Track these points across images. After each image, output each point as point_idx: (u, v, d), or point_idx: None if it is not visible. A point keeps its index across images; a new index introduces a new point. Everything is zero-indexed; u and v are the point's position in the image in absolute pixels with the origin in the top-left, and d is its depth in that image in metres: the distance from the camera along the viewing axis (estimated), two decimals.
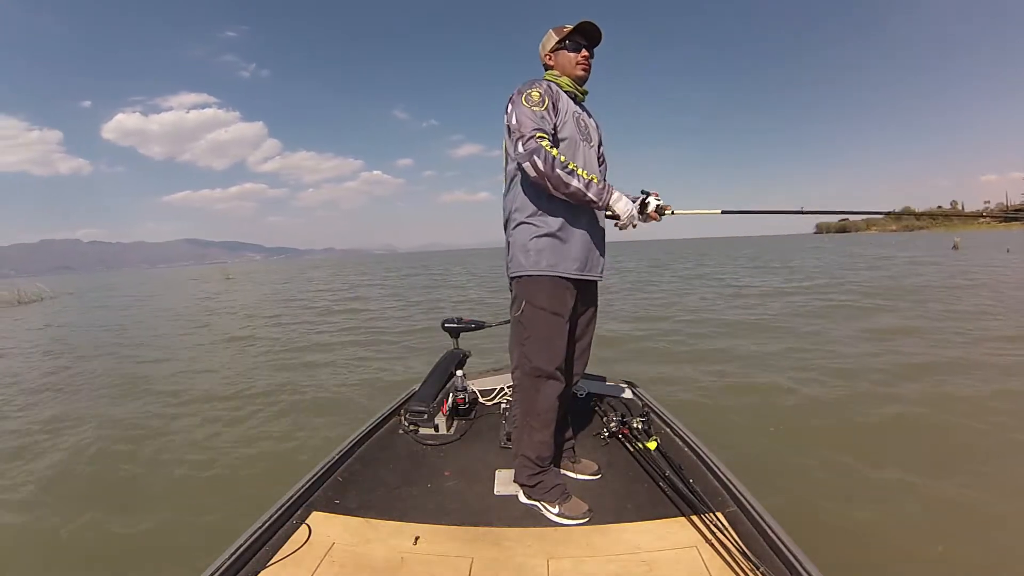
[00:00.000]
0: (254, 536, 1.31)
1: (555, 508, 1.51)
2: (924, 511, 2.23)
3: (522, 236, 1.55)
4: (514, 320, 1.60)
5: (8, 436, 3.77)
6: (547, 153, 1.41)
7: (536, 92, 1.50)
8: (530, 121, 1.45)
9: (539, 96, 1.50)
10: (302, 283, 22.80)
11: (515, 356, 1.62)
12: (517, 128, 1.47)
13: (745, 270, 17.12)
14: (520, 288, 1.57)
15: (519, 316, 1.57)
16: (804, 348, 5.28)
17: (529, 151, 1.42)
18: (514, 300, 1.60)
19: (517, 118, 1.47)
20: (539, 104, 1.48)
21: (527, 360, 1.56)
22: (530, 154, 1.41)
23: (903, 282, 11.02)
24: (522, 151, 1.43)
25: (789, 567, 1.15)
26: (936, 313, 6.88)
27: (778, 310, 7.96)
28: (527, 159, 1.42)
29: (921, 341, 5.32)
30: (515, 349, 1.61)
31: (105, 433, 3.67)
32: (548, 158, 1.41)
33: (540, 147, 1.41)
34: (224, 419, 3.91)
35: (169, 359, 6.54)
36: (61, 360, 6.84)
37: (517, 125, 1.47)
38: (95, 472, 3.08)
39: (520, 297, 1.56)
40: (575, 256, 1.54)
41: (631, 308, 8.97)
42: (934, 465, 2.61)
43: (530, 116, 1.46)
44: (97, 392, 4.99)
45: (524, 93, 1.51)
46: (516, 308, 1.58)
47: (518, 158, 1.45)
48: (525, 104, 1.48)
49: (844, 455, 2.71)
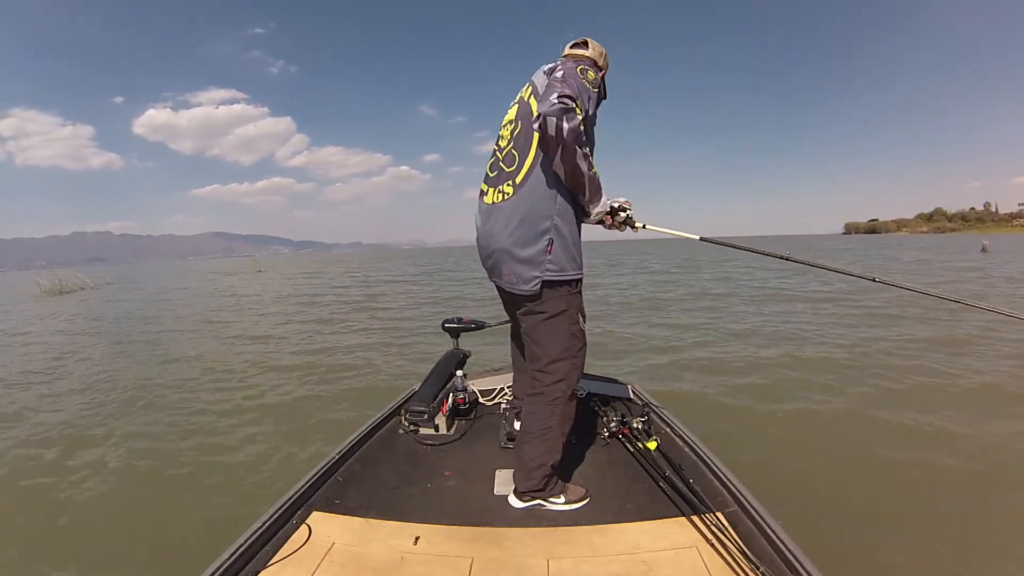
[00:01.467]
0: (254, 536, 1.31)
1: (560, 499, 1.52)
2: (924, 511, 2.23)
3: (568, 233, 1.44)
4: (566, 333, 1.47)
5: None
6: (579, 122, 1.29)
7: (593, 73, 1.44)
8: (577, 86, 1.34)
9: (594, 78, 1.43)
10: (340, 277, 23.01)
11: (560, 368, 1.48)
12: (559, 81, 1.33)
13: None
14: (571, 297, 1.46)
15: (575, 329, 1.48)
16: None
17: (564, 107, 1.27)
18: (563, 312, 1.45)
19: (566, 75, 1.36)
20: (592, 84, 1.42)
21: (577, 372, 1.50)
22: (564, 112, 1.27)
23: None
24: (556, 103, 1.27)
25: (789, 567, 1.15)
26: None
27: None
28: (555, 115, 1.26)
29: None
30: (560, 362, 1.48)
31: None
32: (577, 127, 1.28)
33: (575, 112, 1.28)
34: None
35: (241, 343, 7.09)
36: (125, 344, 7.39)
37: (562, 80, 1.34)
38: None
39: (573, 307, 1.47)
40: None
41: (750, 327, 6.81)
42: (939, 466, 2.61)
43: (579, 84, 1.36)
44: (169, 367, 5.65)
45: (583, 67, 1.42)
46: (569, 320, 1.47)
47: (544, 107, 1.28)
48: (580, 74, 1.39)
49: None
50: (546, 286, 1.43)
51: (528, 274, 1.44)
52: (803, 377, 4.28)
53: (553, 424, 1.51)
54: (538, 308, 1.47)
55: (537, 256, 1.42)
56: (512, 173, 1.47)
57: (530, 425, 1.54)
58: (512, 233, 1.45)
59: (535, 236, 1.42)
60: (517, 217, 1.44)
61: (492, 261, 1.54)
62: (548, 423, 1.51)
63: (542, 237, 1.42)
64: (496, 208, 1.51)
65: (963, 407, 3.40)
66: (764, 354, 5.12)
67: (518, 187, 1.45)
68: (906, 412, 3.33)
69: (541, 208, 1.42)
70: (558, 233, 1.42)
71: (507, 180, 1.48)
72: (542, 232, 1.42)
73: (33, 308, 14.35)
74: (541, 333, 1.50)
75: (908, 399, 3.62)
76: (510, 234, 1.45)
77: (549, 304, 1.45)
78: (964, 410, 3.34)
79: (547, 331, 1.48)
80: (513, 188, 1.46)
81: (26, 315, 12.59)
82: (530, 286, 1.44)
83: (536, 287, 1.44)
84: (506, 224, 1.46)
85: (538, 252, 1.42)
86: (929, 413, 3.29)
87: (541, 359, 1.51)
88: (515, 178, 1.46)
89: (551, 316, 1.46)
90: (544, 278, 1.42)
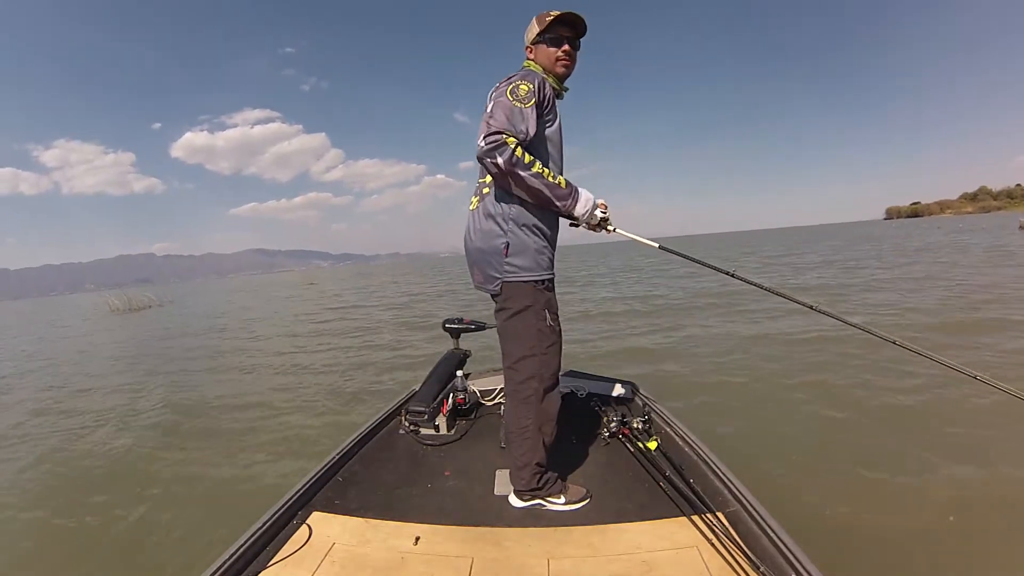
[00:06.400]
0: (254, 536, 1.31)
1: (560, 499, 1.52)
2: (926, 511, 2.22)
3: (527, 236, 1.48)
4: (532, 329, 1.49)
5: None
6: (511, 152, 1.33)
7: (525, 87, 1.40)
8: (505, 117, 1.35)
9: (527, 91, 1.39)
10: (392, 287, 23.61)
11: (528, 366, 1.50)
12: (487, 118, 1.37)
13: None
14: (536, 294, 1.49)
15: (542, 325, 1.49)
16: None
17: (491, 146, 1.33)
18: (527, 308, 1.48)
19: (493, 109, 1.38)
20: (525, 100, 1.38)
21: (547, 369, 1.51)
22: (491, 150, 1.33)
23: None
24: (483, 146, 1.34)
25: (790, 567, 1.15)
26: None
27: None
28: (487, 155, 1.34)
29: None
30: (528, 359, 1.50)
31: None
32: (511, 158, 1.33)
33: (505, 145, 1.33)
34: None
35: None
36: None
37: (489, 115, 1.37)
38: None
39: (539, 304, 1.49)
40: (552, 256, 1.55)
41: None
42: (943, 464, 2.61)
43: (508, 111, 1.36)
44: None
45: (513, 84, 1.40)
46: (536, 317, 1.48)
47: (477, 151, 1.36)
48: (509, 97, 1.38)
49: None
50: (508, 285, 1.49)
51: (490, 274, 1.52)
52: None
53: (530, 424, 1.52)
54: (504, 305, 1.52)
55: (496, 258, 1.49)
56: (482, 184, 1.56)
57: (510, 424, 1.59)
58: (478, 238, 1.54)
59: (493, 239, 1.50)
60: (480, 222, 1.53)
61: (469, 263, 1.61)
62: (524, 423, 1.53)
63: (499, 240, 1.49)
64: (471, 214, 1.59)
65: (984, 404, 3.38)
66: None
67: (484, 196, 1.54)
68: (897, 395, 3.33)
69: (498, 214, 1.49)
70: (515, 237, 1.48)
71: (479, 188, 1.58)
72: (498, 236, 1.49)
73: (117, 322, 15.63)
74: (507, 329, 1.54)
75: (892, 386, 3.60)
76: (478, 238, 1.54)
77: (513, 301, 1.50)
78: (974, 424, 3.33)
79: (513, 328, 1.52)
80: (479, 197, 1.56)
81: (122, 331, 13.55)
82: (492, 286, 1.52)
83: (497, 287, 1.51)
84: (475, 229, 1.55)
85: (496, 255, 1.49)
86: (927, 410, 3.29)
87: (510, 355, 1.55)
88: (483, 189, 1.55)
89: (516, 312, 1.50)
90: (504, 279, 1.49)
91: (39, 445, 3.89)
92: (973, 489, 2.35)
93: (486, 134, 1.34)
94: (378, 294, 18.71)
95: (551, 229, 1.55)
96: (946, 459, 2.68)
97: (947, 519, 2.14)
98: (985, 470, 2.53)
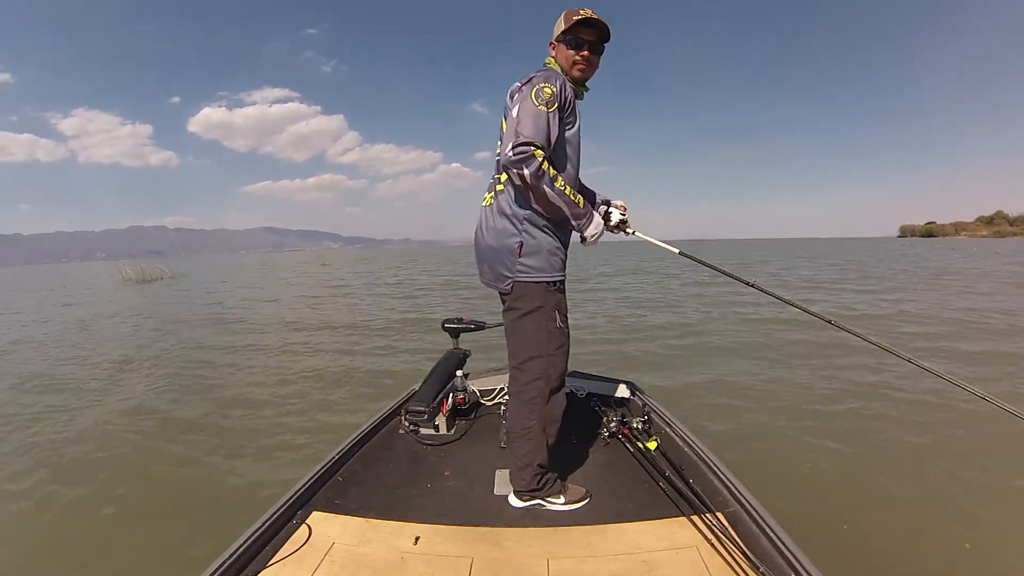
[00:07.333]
0: (254, 536, 1.31)
1: (560, 499, 1.52)
2: (926, 511, 2.22)
3: (542, 236, 1.46)
4: (541, 330, 1.48)
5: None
6: (538, 166, 1.31)
7: (549, 89, 1.37)
8: (532, 124, 1.33)
9: (551, 95, 1.36)
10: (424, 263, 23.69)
11: (535, 367, 1.49)
12: (515, 124, 1.35)
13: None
14: (547, 295, 1.47)
15: (552, 327, 1.48)
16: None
17: (519, 157, 1.31)
18: (538, 309, 1.46)
19: (521, 115, 1.35)
20: (549, 104, 1.36)
21: (554, 371, 1.50)
22: (519, 161, 1.31)
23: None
24: (511, 155, 1.32)
25: (789, 567, 1.15)
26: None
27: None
28: (514, 166, 1.32)
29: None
30: (536, 360, 1.49)
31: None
32: (538, 171, 1.32)
33: (533, 157, 1.31)
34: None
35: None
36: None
37: (516, 121, 1.35)
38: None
39: (549, 305, 1.47)
40: (564, 257, 1.54)
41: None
42: (943, 466, 2.61)
43: (534, 117, 1.34)
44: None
45: (537, 87, 1.37)
46: (546, 318, 1.47)
47: (504, 160, 1.35)
48: (535, 101, 1.35)
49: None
50: (519, 284, 1.48)
51: (501, 272, 1.50)
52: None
53: (533, 424, 1.52)
54: (514, 304, 1.51)
55: (508, 258, 1.48)
56: (496, 180, 1.55)
57: (512, 424, 1.58)
58: (490, 235, 1.52)
59: (506, 238, 1.48)
60: (494, 220, 1.52)
61: (479, 259, 1.59)
62: (528, 423, 1.52)
63: (512, 239, 1.47)
64: (484, 211, 1.58)
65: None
66: None
67: (498, 194, 1.52)
68: (897, 400, 3.33)
69: (513, 213, 1.48)
70: (529, 237, 1.47)
71: (493, 185, 1.56)
72: (512, 235, 1.47)
73: (136, 293, 15.42)
74: (516, 329, 1.52)
75: (899, 400, 3.61)
76: (490, 236, 1.52)
77: (523, 301, 1.48)
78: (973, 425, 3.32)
79: (522, 328, 1.50)
80: (494, 194, 1.54)
81: (158, 299, 13.39)
82: (503, 285, 1.51)
83: (508, 286, 1.49)
84: (488, 226, 1.54)
85: (510, 254, 1.48)
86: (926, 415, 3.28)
87: (517, 356, 1.54)
88: (497, 186, 1.54)
89: (526, 313, 1.48)
90: (515, 279, 1.48)
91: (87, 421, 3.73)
92: (974, 493, 2.35)
93: (515, 144, 1.32)
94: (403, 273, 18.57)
95: (565, 231, 1.53)
96: (946, 459, 2.69)
97: (948, 519, 2.14)
98: (985, 471, 2.53)
